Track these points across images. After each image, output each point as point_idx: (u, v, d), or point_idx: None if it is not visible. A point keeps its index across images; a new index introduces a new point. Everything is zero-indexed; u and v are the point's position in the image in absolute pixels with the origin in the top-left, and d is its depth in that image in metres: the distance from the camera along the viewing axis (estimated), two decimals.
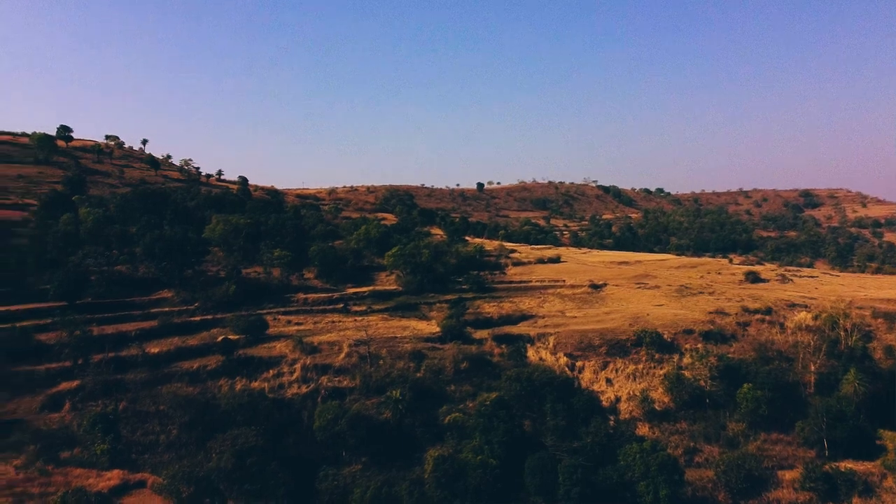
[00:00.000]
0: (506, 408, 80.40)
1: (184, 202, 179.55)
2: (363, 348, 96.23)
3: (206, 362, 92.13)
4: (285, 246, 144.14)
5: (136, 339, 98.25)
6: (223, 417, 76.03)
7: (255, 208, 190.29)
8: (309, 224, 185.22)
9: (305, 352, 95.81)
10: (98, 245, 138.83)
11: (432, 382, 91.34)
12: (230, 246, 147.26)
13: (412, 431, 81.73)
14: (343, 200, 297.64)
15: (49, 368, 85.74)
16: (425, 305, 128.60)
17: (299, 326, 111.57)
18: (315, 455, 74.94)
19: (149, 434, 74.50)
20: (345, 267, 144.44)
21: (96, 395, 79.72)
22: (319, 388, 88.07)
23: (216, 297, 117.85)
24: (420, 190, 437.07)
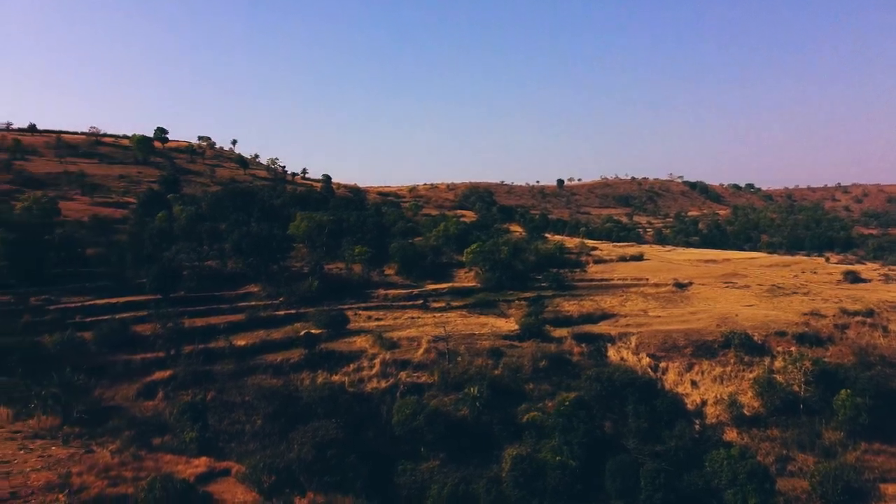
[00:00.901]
0: (586, 408, 78.72)
1: (270, 200, 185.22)
2: (442, 344, 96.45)
3: (289, 355, 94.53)
4: (366, 242, 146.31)
5: (224, 331, 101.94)
6: (305, 409, 77.69)
7: (338, 206, 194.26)
8: (389, 221, 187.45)
9: (385, 347, 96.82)
10: (190, 241, 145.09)
11: (510, 380, 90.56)
12: (313, 242, 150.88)
13: (490, 429, 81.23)
14: (423, 198, 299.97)
15: (144, 358, 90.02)
16: (504, 303, 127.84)
17: (379, 322, 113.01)
18: (393, 449, 75.56)
19: (235, 423, 77.15)
20: (424, 263, 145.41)
21: (187, 385, 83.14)
22: (398, 384, 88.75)
23: (300, 292, 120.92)
24: (499, 187, 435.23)
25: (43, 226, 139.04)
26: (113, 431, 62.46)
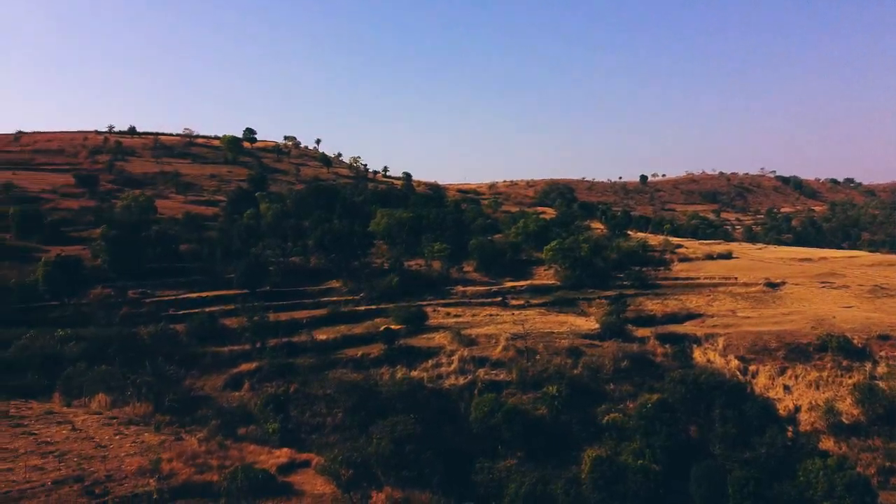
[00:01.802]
0: (669, 411, 75.98)
1: (352, 197, 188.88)
2: (520, 342, 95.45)
3: (369, 350, 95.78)
4: (445, 239, 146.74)
5: (307, 326, 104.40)
6: (384, 404, 78.41)
7: (418, 203, 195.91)
8: (469, 218, 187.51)
9: (463, 343, 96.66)
10: (276, 238, 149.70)
11: (590, 380, 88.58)
12: (393, 239, 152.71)
13: (568, 429, 79.64)
14: (503, 195, 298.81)
15: (232, 350, 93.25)
16: (584, 301, 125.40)
17: (458, 318, 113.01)
18: (470, 447, 75.20)
19: (316, 416, 78.73)
20: (503, 260, 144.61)
21: (271, 377, 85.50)
22: (476, 381, 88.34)
23: (380, 287, 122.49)
24: (580, 183, 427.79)
25: (141, 223, 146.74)
26: (201, 420, 64.94)
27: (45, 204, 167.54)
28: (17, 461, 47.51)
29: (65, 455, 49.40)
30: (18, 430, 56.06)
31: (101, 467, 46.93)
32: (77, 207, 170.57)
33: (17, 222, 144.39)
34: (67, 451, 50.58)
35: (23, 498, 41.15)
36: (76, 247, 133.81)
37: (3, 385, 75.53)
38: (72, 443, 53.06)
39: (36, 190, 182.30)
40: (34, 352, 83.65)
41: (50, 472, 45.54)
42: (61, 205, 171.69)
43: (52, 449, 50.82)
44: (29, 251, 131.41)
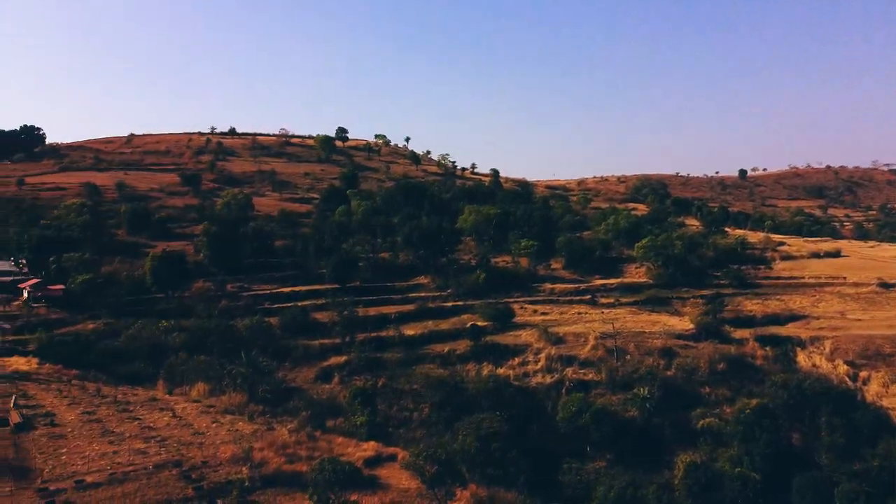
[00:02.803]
0: (770, 417, 71.97)
1: (440, 194, 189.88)
2: (610, 342, 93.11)
3: (455, 346, 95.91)
4: (533, 236, 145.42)
5: (395, 321, 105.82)
6: (470, 401, 78.25)
7: (505, 199, 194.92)
8: (557, 214, 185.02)
9: (551, 342, 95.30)
10: (366, 234, 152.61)
11: (684, 382, 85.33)
12: (481, 236, 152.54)
13: (660, 432, 76.97)
14: (592, 191, 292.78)
15: (322, 344, 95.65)
16: (678, 300, 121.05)
17: (545, 316, 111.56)
18: (557, 447, 73.89)
19: (403, 410, 79.58)
20: (592, 258, 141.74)
21: (360, 371, 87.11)
22: (564, 380, 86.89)
23: (467, 284, 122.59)
24: (674, 179, 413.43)
25: (239, 220, 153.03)
26: (292, 411, 66.81)
27: (153, 202, 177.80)
28: (122, 444, 50.16)
29: (165, 440, 51.76)
30: (125, 415, 59.31)
31: (198, 453, 48.85)
32: (182, 205, 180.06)
33: (128, 219, 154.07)
34: (168, 436, 52.99)
35: (126, 480, 43.31)
36: (180, 242, 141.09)
37: (113, 372, 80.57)
38: (172, 429, 55.59)
39: (145, 189, 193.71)
40: (141, 341, 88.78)
41: (151, 457, 47.78)
42: (167, 203, 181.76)
43: (154, 434, 53.39)
44: (138, 247, 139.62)
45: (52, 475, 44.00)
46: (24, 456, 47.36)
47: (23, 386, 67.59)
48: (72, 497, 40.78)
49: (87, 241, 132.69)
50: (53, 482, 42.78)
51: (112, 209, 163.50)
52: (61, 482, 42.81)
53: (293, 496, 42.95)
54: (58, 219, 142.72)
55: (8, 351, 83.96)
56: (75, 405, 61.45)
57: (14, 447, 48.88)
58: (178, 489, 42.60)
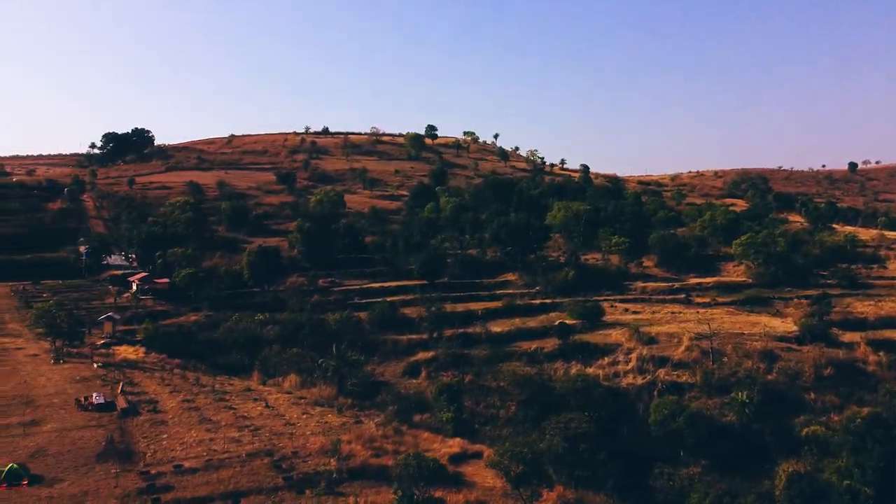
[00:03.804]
0: (884, 427, 66.74)
1: (528, 191, 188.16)
2: (705, 343, 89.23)
3: (543, 344, 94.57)
4: (624, 233, 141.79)
5: (482, 317, 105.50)
6: (558, 400, 76.84)
7: (595, 195, 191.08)
8: (649, 211, 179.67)
9: (642, 341, 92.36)
10: (454, 231, 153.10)
11: (786, 387, 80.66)
12: (570, 232, 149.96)
13: (760, 439, 73.05)
14: (687, 186, 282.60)
15: (410, 339, 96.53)
16: (779, 301, 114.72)
17: (636, 315, 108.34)
18: (648, 450, 71.38)
19: (489, 408, 79.03)
20: (687, 255, 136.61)
21: (446, 367, 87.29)
22: (656, 381, 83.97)
23: (555, 281, 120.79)
24: (776, 173, 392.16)
25: (331, 217, 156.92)
26: (380, 405, 67.63)
27: (250, 200, 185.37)
28: (218, 432, 52.28)
29: (258, 430, 53.57)
30: (221, 403, 61.82)
31: (288, 444, 50.26)
32: (277, 203, 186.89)
33: (228, 216, 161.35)
34: (261, 426, 54.82)
35: (221, 467, 45.06)
36: (276, 238, 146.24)
37: (212, 362, 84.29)
38: (265, 419, 57.46)
39: (243, 187, 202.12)
40: (238, 333, 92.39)
41: (245, 445, 49.54)
42: (264, 200, 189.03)
43: (248, 423, 55.38)
44: (237, 242, 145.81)
45: (154, 459, 46.34)
46: (129, 440, 50.13)
47: (130, 373, 71.75)
48: (171, 481, 42.77)
49: (191, 237, 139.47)
50: (154, 466, 45.04)
51: (213, 207, 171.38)
52: (161, 466, 45.01)
53: (379, 490, 43.43)
54: (164, 216, 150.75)
55: (118, 340, 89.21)
56: (176, 393, 64.61)
57: (120, 431, 51.80)
58: (269, 478, 43.93)
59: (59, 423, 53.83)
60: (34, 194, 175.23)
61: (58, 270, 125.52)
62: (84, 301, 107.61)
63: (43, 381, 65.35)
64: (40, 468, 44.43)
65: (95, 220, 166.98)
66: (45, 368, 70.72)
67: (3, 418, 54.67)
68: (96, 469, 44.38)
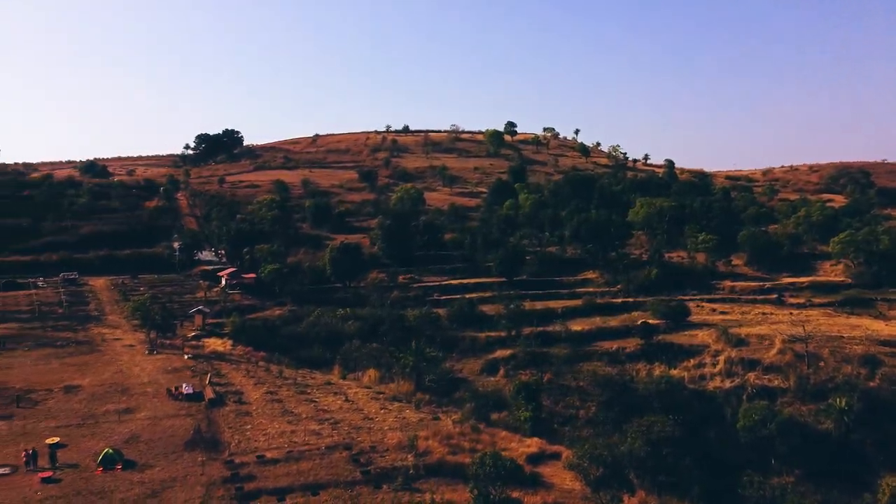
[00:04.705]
0: None
1: (609, 187, 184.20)
2: (800, 346, 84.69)
3: (624, 344, 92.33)
4: (711, 230, 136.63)
5: (561, 316, 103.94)
6: (640, 402, 74.73)
7: (681, 191, 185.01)
8: (739, 207, 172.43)
9: (730, 343, 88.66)
10: (533, 228, 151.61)
11: (890, 395, 75.51)
12: (653, 229, 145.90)
13: (861, 450, 68.73)
14: (780, 181, 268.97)
15: (488, 336, 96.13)
16: (883, 302, 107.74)
17: (724, 316, 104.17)
18: (737, 456, 68.39)
19: (569, 408, 77.72)
20: (779, 254, 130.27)
21: (525, 365, 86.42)
22: (745, 385, 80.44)
23: (638, 280, 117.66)
24: (879, 166, 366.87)
25: (411, 214, 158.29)
26: (457, 402, 67.50)
27: (333, 197, 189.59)
28: (299, 424, 53.42)
29: (338, 423, 54.41)
30: (303, 396, 63.22)
31: (366, 438, 50.79)
32: (359, 200, 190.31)
33: (312, 214, 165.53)
34: (340, 420, 55.66)
35: (302, 459, 45.97)
36: (357, 235, 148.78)
37: (295, 355, 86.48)
38: (344, 413, 58.33)
39: (327, 185, 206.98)
40: (320, 328, 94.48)
41: (325, 438, 50.38)
42: (346, 198, 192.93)
43: (328, 417, 56.34)
44: (320, 239, 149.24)
45: (238, 449, 47.77)
46: (215, 430, 51.89)
47: (218, 365, 74.51)
48: (254, 471, 43.95)
49: (276, 234, 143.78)
50: (238, 455, 46.40)
51: (298, 204, 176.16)
52: (245, 456, 46.33)
53: (455, 487, 43.19)
54: (252, 214, 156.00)
55: (208, 333, 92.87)
56: (260, 385, 66.56)
57: (207, 421, 53.71)
58: (348, 471, 44.48)
59: (152, 411, 56.42)
60: (133, 193, 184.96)
61: (153, 265, 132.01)
62: (177, 295, 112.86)
63: (138, 371, 68.73)
64: (133, 454, 46.62)
65: (188, 218, 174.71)
66: (139, 359, 74.37)
67: (101, 405, 57.82)
68: (184, 457, 46.19)
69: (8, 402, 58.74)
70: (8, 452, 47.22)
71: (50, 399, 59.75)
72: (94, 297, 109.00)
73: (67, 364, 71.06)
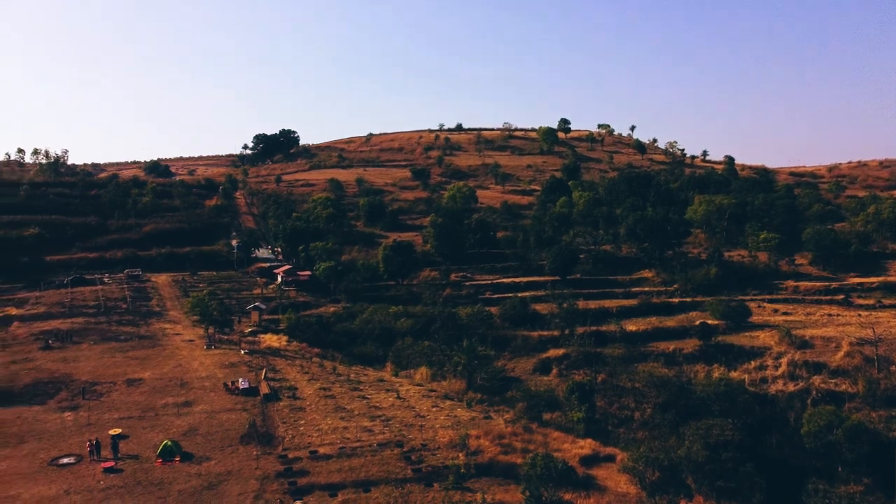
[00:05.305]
0: None
1: (666, 184, 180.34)
2: (869, 349, 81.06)
3: (682, 345, 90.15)
4: (773, 228, 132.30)
5: (616, 315, 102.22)
6: (698, 404, 72.62)
7: (741, 188, 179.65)
8: (803, 204, 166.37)
9: (794, 345, 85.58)
10: (587, 226, 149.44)
11: None
12: (712, 227, 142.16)
13: None
14: (847, 177, 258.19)
15: (541, 335, 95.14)
16: None
17: (787, 316, 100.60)
18: (801, 462, 65.85)
19: (623, 409, 76.20)
20: (846, 253, 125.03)
21: (578, 365, 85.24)
22: (810, 389, 77.42)
23: (696, 279, 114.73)
24: None
25: (463, 212, 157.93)
26: (509, 401, 66.75)
27: (387, 196, 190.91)
28: (351, 421, 53.72)
29: (389, 420, 54.48)
30: (355, 393, 63.60)
31: (418, 436, 50.69)
32: (412, 198, 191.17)
33: (366, 212, 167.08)
34: (392, 417, 55.73)
35: (354, 455, 46.16)
36: (410, 233, 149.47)
37: (348, 352, 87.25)
38: (396, 410, 58.39)
39: (380, 184, 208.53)
40: (373, 325, 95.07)
41: (376, 435, 50.51)
42: (400, 196, 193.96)
43: (380, 414, 56.49)
44: (373, 237, 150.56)
45: (291, 444, 48.28)
46: (270, 424, 52.61)
47: (273, 361, 75.66)
48: (306, 466, 44.33)
49: (331, 232, 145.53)
50: (292, 450, 46.90)
51: (352, 203, 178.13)
52: (298, 451, 46.79)
53: (507, 488, 42.69)
54: (307, 212, 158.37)
55: (264, 329, 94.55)
56: (314, 381, 67.28)
57: (262, 415, 54.53)
58: (399, 469, 44.43)
59: (209, 405, 57.61)
60: (194, 192, 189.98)
61: (213, 262, 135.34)
62: (234, 291, 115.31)
63: (196, 366, 70.34)
64: (191, 446, 47.65)
65: (246, 216, 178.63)
66: (198, 353, 76.12)
67: (161, 398, 59.37)
68: (239, 450, 46.97)
69: (74, 393, 60.92)
70: (73, 442, 48.92)
71: (113, 391, 61.68)
72: (156, 293, 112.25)
73: (130, 358, 73.27)
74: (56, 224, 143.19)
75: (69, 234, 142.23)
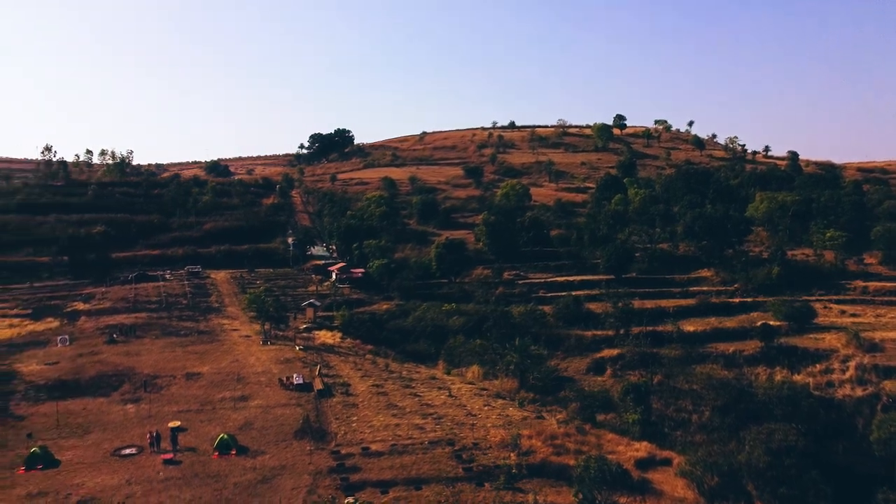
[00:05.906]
0: None
1: (726, 180, 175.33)
2: None
3: (742, 347, 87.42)
4: (840, 226, 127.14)
5: (673, 315, 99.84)
6: (759, 408, 70.35)
7: (805, 184, 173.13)
8: (872, 201, 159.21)
9: (863, 348, 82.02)
10: (643, 224, 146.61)
11: None
12: (774, 225, 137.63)
13: None
14: None
15: (595, 335, 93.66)
16: None
17: (855, 318, 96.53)
18: (869, 471, 62.96)
19: (680, 412, 74.26)
20: None
21: (633, 365, 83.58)
22: (879, 394, 74.10)
23: (757, 279, 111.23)
24: None
25: (516, 210, 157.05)
26: (562, 401, 65.93)
27: (439, 194, 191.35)
28: (403, 418, 53.92)
29: (441, 419, 54.45)
30: (407, 390, 63.82)
31: (469, 434, 50.50)
32: (465, 196, 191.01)
33: (419, 210, 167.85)
34: (443, 415, 55.69)
35: (405, 453, 46.29)
36: (462, 231, 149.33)
37: (401, 349, 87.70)
38: (447, 408, 58.33)
39: (433, 182, 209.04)
40: (426, 323, 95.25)
41: (428, 433, 50.55)
42: (452, 194, 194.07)
43: (431, 412, 56.53)
44: (426, 235, 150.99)
45: (344, 440, 48.74)
46: (323, 420, 53.25)
47: (327, 357, 76.66)
48: (359, 462, 44.66)
49: (384, 230, 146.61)
50: (344, 447, 47.32)
51: (405, 201, 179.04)
52: (350, 447, 47.19)
53: (559, 489, 42.12)
54: (361, 210, 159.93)
55: (318, 325, 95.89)
56: (367, 377, 67.82)
57: (316, 411, 55.21)
58: (450, 467, 44.32)
59: (265, 399, 58.70)
60: (251, 191, 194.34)
61: (270, 259, 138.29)
62: (290, 288, 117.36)
63: (252, 361, 71.81)
64: (247, 440, 48.61)
65: (302, 214, 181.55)
66: (255, 349, 77.71)
67: (218, 392, 60.79)
68: (293, 445, 47.67)
69: (137, 386, 62.96)
70: (135, 434, 50.53)
71: (173, 385, 63.49)
72: (215, 290, 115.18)
73: (189, 352, 75.32)
74: (121, 222, 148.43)
75: (133, 231, 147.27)
